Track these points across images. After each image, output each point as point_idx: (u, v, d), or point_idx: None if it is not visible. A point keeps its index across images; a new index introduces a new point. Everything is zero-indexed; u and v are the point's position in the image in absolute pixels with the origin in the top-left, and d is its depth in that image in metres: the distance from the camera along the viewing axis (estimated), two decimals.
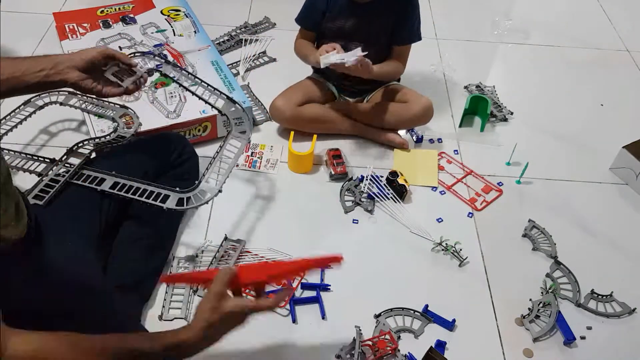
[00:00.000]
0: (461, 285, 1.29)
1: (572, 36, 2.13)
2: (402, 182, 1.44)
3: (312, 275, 1.27)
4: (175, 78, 1.19)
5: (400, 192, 1.46)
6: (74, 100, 1.44)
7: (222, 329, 0.81)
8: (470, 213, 1.45)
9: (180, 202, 1.10)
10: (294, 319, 1.20)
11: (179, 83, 1.18)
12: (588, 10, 2.30)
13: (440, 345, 1.17)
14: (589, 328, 1.22)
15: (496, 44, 2.08)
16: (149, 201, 1.07)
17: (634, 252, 1.39)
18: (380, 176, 1.50)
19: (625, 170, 1.56)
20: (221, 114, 1.26)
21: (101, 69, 1.01)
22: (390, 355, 1.14)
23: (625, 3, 2.33)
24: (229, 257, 1.29)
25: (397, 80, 1.67)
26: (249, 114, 1.26)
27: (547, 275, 1.31)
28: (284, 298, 0.92)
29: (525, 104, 1.79)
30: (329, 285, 1.26)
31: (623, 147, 1.56)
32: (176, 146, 1.28)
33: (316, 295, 1.23)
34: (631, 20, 2.24)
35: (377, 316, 1.21)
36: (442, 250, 1.35)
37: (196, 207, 1.14)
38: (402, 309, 1.22)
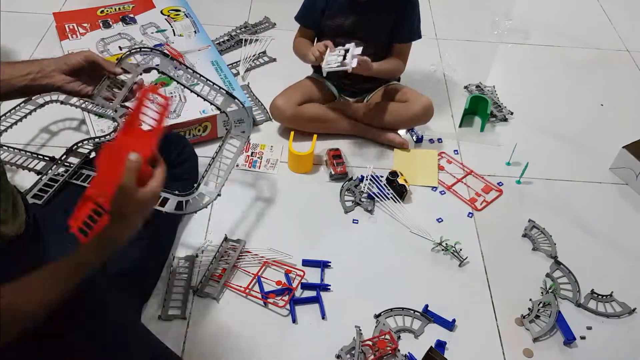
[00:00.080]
0: (461, 285, 1.29)
1: (572, 36, 2.13)
2: (402, 182, 1.44)
3: (312, 276, 1.27)
4: (174, 76, 1.17)
5: (400, 192, 1.46)
6: (75, 99, 1.44)
7: (140, 213, 0.80)
8: (470, 213, 1.45)
9: (180, 205, 1.10)
10: (294, 319, 1.20)
11: (177, 81, 1.18)
12: (588, 10, 2.30)
13: (440, 345, 1.17)
14: (589, 328, 1.22)
15: (496, 44, 2.08)
16: None
17: (634, 252, 1.39)
18: (380, 176, 1.50)
19: (625, 170, 1.56)
20: (220, 111, 1.26)
21: (87, 73, 1.00)
22: (390, 355, 1.14)
23: (625, 3, 2.33)
24: (229, 257, 1.29)
25: (397, 80, 1.67)
26: (248, 112, 1.26)
27: (547, 275, 1.31)
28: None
29: (525, 104, 1.79)
30: (329, 285, 1.26)
31: (623, 147, 1.56)
32: (176, 146, 1.28)
33: (316, 295, 1.23)
34: (631, 20, 2.24)
35: (377, 316, 1.21)
36: (442, 250, 1.35)
37: (195, 212, 1.13)
38: (402, 309, 1.22)
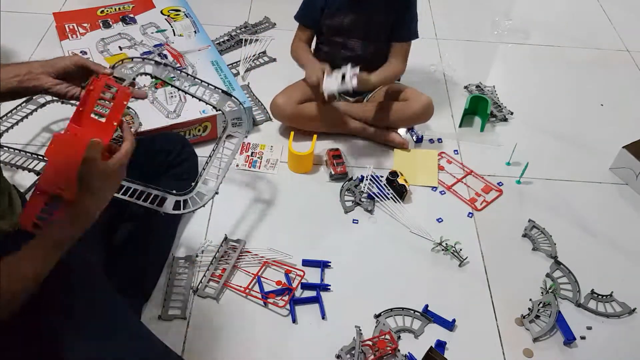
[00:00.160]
0: (461, 285, 1.29)
1: (572, 36, 2.13)
2: (402, 182, 1.44)
3: (312, 276, 1.27)
4: (166, 78, 1.18)
5: (400, 192, 1.46)
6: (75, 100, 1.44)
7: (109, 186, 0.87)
8: (470, 213, 1.45)
9: (177, 205, 1.10)
10: (294, 319, 1.20)
11: (172, 84, 1.18)
12: (588, 10, 2.30)
13: (440, 345, 1.17)
14: (589, 328, 1.22)
15: (496, 44, 2.08)
16: (146, 204, 1.07)
17: (634, 252, 1.39)
18: (380, 176, 1.50)
19: (625, 170, 1.56)
20: (216, 110, 1.26)
21: (77, 77, 1.00)
22: (390, 355, 1.14)
23: (625, 3, 2.33)
24: (228, 257, 1.29)
25: (397, 80, 1.67)
26: (246, 110, 1.25)
27: (547, 275, 1.31)
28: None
29: (525, 104, 1.79)
30: (329, 285, 1.26)
31: (623, 147, 1.56)
32: (175, 146, 1.28)
33: (316, 295, 1.23)
34: (631, 20, 2.24)
35: (377, 316, 1.21)
36: (442, 250, 1.35)
37: (193, 211, 1.13)
38: (402, 309, 1.22)
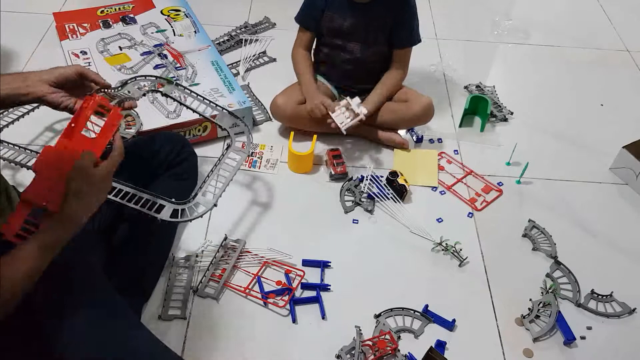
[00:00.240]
0: (461, 285, 1.29)
1: (572, 36, 2.13)
2: (402, 182, 1.44)
3: (312, 276, 1.27)
4: (178, 98, 1.20)
5: (400, 192, 1.46)
6: None
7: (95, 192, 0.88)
8: (470, 213, 1.45)
9: (175, 213, 1.10)
10: (294, 319, 1.20)
11: (180, 102, 1.20)
12: (588, 10, 2.30)
13: (440, 345, 1.17)
14: (589, 328, 1.22)
15: (496, 44, 2.08)
16: (144, 210, 1.07)
17: (634, 252, 1.39)
18: (380, 176, 1.50)
19: (625, 170, 1.56)
20: (221, 129, 1.27)
21: (76, 86, 1.00)
22: (390, 355, 1.14)
23: (625, 3, 2.33)
24: (229, 257, 1.29)
25: None
26: (250, 132, 1.27)
27: (547, 275, 1.31)
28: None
29: (525, 104, 1.79)
30: (329, 285, 1.26)
31: (623, 147, 1.56)
32: (175, 146, 1.28)
33: (316, 295, 1.23)
34: (631, 20, 2.24)
35: (377, 316, 1.21)
36: (442, 250, 1.35)
37: (189, 220, 1.13)
38: (402, 309, 1.22)
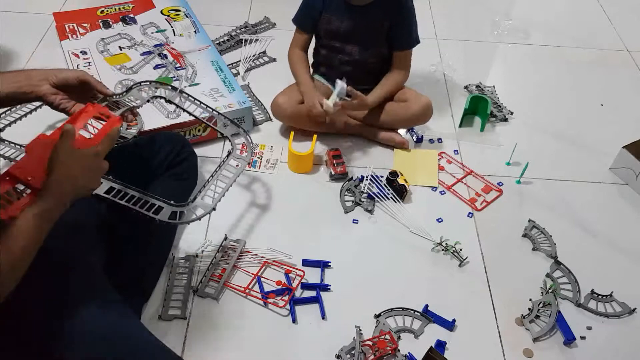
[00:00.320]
0: (461, 285, 1.29)
1: (572, 36, 2.13)
2: (402, 182, 1.44)
3: (312, 276, 1.27)
4: (182, 105, 1.21)
5: (400, 192, 1.46)
6: None
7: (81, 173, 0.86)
8: (470, 213, 1.45)
9: (173, 216, 1.10)
10: (294, 319, 1.20)
11: (184, 109, 1.21)
12: (588, 10, 2.30)
13: (440, 345, 1.17)
14: (589, 328, 1.22)
15: (496, 44, 2.08)
16: (142, 211, 1.07)
17: (634, 252, 1.39)
18: (380, 176, 1.50)
19: (625, 170, 1.56)
20: (223, 136, 1.28)
21: (77, 91, 1.01)
22: (390, 355, 1.14)
23: (625, 3, 2.33)
24: (229, 257, 1.29)
25: None
26: (251, 139, 1.28)
27: (547, 275, 1.31)
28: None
29: (525, 104, 1.79)
30: (329, 285, 1.26)
31: (623, 147, 1.56)
32: (175, 146, 1.29)
33: (316, 295, 1.23)
34: (631, 20, 2.24)
35: (377, 316, 1.21)
36: (442, 250, 1.35)
37: (187, 223, 1.13)
38: (402, 309, 1.22)
